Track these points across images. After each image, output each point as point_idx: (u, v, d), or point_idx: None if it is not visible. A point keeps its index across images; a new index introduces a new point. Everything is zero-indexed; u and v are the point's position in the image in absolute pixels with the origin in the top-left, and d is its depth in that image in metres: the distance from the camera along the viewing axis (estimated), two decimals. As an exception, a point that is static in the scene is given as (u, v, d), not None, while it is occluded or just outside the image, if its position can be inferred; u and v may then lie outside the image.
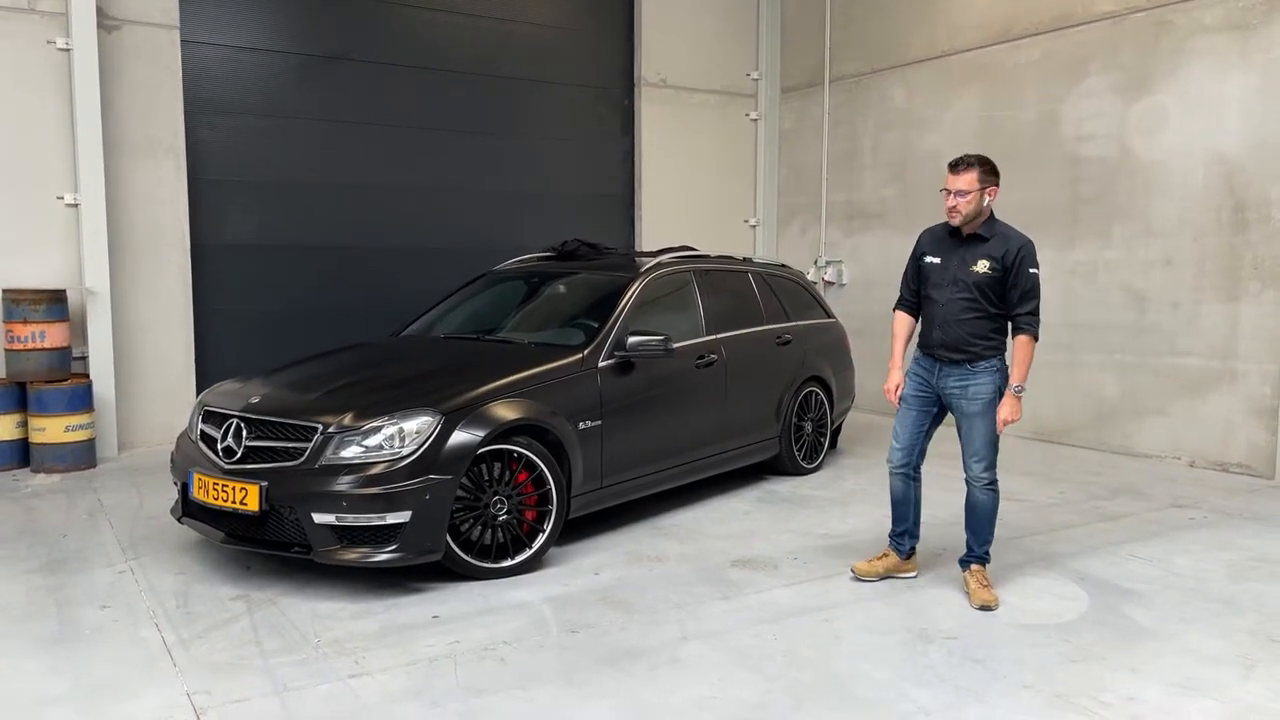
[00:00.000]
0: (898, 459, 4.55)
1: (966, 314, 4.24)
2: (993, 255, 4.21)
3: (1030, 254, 4.23)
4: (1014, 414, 4.22)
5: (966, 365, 4.27)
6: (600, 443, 5.13)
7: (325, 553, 4.32)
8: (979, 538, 4.45)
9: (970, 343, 4.26)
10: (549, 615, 4.18)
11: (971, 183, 4.20)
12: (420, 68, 8.97)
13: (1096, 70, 7.74)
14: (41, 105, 7.35)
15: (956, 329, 4.26)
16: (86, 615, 4.19)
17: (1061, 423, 8.10)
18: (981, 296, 4.22)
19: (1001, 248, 4.21)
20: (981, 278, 4.21)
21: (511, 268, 6.66)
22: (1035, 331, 4.21)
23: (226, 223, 8.28)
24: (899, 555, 4.65)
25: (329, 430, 4.41)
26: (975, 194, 4.20)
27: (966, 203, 4.20)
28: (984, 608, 4.23)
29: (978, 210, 4.24)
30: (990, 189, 4.23)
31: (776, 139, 10.92)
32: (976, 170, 4.21)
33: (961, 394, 4.30)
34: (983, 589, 4.32)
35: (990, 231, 4.27)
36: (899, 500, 4.62)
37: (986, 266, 4.20)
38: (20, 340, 7.03)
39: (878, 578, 4.59)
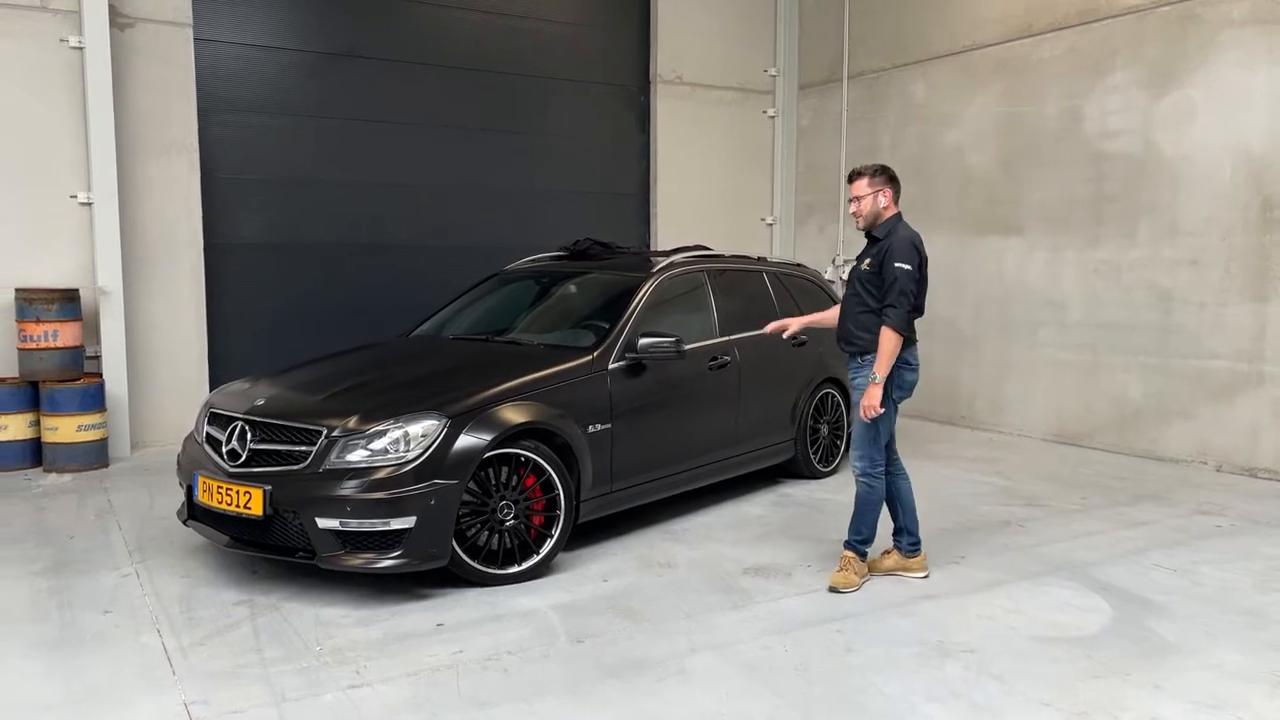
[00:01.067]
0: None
1: (854, 308, 4.58)
2: (873, 253, 4.51)
3: (900, 249, 4.40)
4: (868, 399, 4.39)
5: (859, 358, 4.57)
6: (610, 446, 5.04)
7: (329, 558, 4.25)
8: (851, 526, 4.62)
9: (856, 335, 4.56)
10: (555, 624, 4.10)
11: (863, 188, 4.52)
12: (434, 65, 8.91)
13: (1122, 65, 7.57)
14: (54, 104, 7.34)
15: (847, 322, 4.63)
16: (88, 620, 4.15)
17: (1083, 425, 7.94)
18: (863, 290, 4.53)
19: (882, 245, 4.47)
20: (863, 274, 4.54)
21: (523, 267, 6.58)
22: (894, 323, 4.37)
23: (239, 221, 8.25)
24: (899, 552, 4.77)
25: (333, 434, 4.34)
26: (869, 197, 4.50)
27: (862, 205, 4.52)
28: (832, 589, 4.47)
29: (874, 211, 4.51)
30: (883, 190, 4.51)
31: (794, 136, 10.78)
32: (867, 177, 4.53)
33: (853, 385, 4.62)
34: (839, 572, 4.53)
35: (884, 232, 4.52)
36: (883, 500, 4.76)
37: (868, 263, 4.52)
38: (33, 340, 7.02)
39: (883, 574, 4.72)
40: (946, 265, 9.03)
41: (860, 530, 4.60)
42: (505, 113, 9.32)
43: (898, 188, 4.57)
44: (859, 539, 4.60)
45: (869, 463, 4.54)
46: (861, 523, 4.59)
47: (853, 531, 4.62)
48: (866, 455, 4.53)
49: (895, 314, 4.38)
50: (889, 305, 4.40)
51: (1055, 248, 8.09)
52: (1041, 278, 8.23)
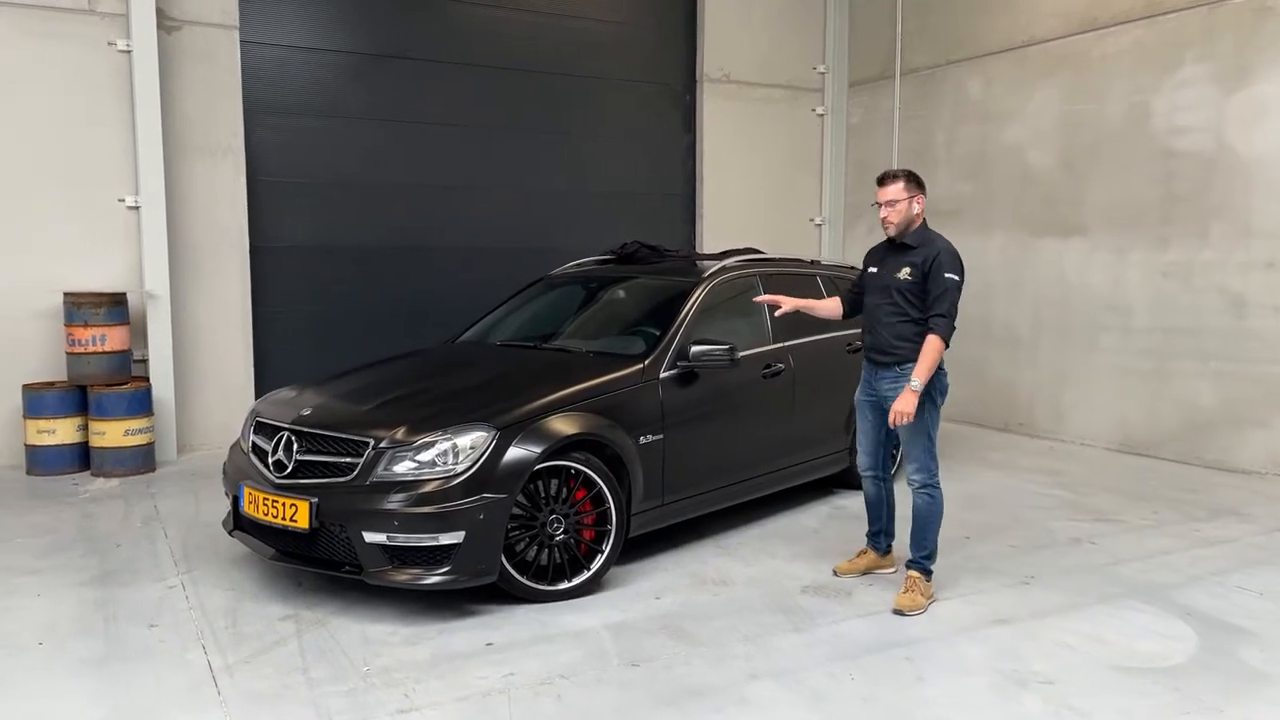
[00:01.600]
0: (864, 464, 4.73)
1: (890, 317, 4.43)
2: (914, 261, 4.37)
3: (948, 260, 4.32)
4: (903, 405, 4.28)
5: (895, 368, 4.41)
6: (662, 458, 4.88)
7: (376, 573, 4.14)
8: (915, 543, 4.49)
9: (894, 345, 4.42)
10: (608, 645, 3.95)
11: (899, 192, 4.38)
12: (478, 65, 8.80)
13: (1192, 59, 7.26)
14: (102, 107, 7.33)
15: (882, 332, 4.46)
16: (134, 634, 4.07)
17: (1150, 434, 7.63)
18: (903, 300, 4.38)
19: (922, 254, 4.35)
20: (902, 283, 4.38)
21: (569, 272, 6.44)
22: (942, 332, 4.28)
23: (285, 224, 8.21)
24: (877, 552, 4.83)
25: (381, 445, 4.23)
26: (904, 202, 4.37)
27: (896, 212, 4.38)
28: (897, 611, 4.30)
29: (908, 218, 4.40)
30: (917, 197, 4.41)
31: (843, 134, 10.55)
32: (902, 181, 4.40)
33: (893, 394, 4.41)
34: (906, 594, 4.36)
35: (918, 240, 4.42)
36: (872, 502, 4.78)
37: (907, 272, 4.38)
38: (81, 344, 7.01)
39: (859, 574, 4.75)
40: (1003, 267, 8.77)
41: (924, 546, 4.47)
42: (550, 113, 9.19)
43: (925, 194, 4.49)
44: (923, 555, 4.47)
45: (927, 473, 4.43)
46: (925, 538, 4.46)
47: (916, 549, 4.48)
48: (924, 466, 4.43)
49: (946, 324, 4.30)
50: (939, 315, 4.30)
51: (1120, 249, 7.79)
52: (1105, 280, 7.93)
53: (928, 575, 4.46)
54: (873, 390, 4.59)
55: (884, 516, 4.77)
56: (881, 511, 4.76)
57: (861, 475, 4.78)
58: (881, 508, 4.76)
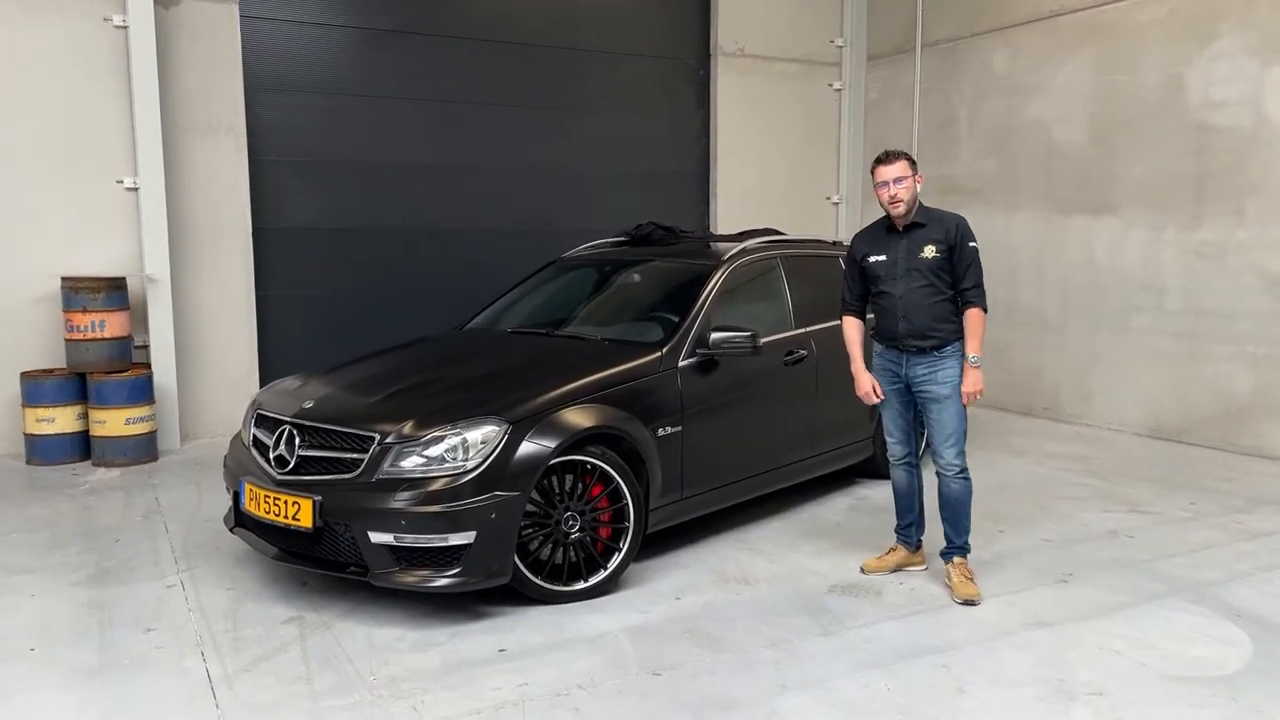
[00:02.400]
0: (898, 451, 4.55)
1: (928, 300, 4.27)
2: (935, 238, 4.25)
3: (967, 229, 4.28)
4: (976, 385, 4.24)
5: (933, 352, 4.28)
6: (681, 450, 4.66)
7: (382, 575, 3.94)
8: (956, 528, 4.38)
9: (935, 327, 4.27)
10: (627, 651, 3.74)
11: (905, 169, 4.24)
12: (485, 40, 8.52)
13: (1229, 30, 6.94)
14: (99, 85, 7.10)
15: (920, 315, 4.27)
16: (129, 640, 3.88)
17: (1181, 420, 7.37)
18: (937, 280, 4.26)
19: (941, 229, 4.26)
20: (932, 261, 4.25)
21: (582, 254, 6.20)
22: (983, 303, 4.24)
23: (288, 205, 7.98)
24: (908, 548, 4.61)
25: (387, 440, 4.01)
26: (909, 179, 4.24)
27: (906, 189, 4.23)
28: (967, 602, 4.18)
29: (914, 196, 4.27)
30: (918, 176, 4.31)
31: (861, 110, 10.24)
32: (905, 159, 4.27)
33: (930, 379, 4.29)
34: (965, 583, 4.25)
35: (926, 217, 4.31)
36: (903, 493, 4.59)
37: (934, 250, 4.25)
38: (80, 330, 6.81)
39: (888, 572, 4.55)
40: (1029, 247, 8.49)
41: (966, 530, 4.38)
42: (559, 90, 8.92)
43: None
44: (965, 540, 4.39)
45: (963, 456, 4.34)
46: (966, 521, 4.37)
47: (959, 533, 4.38)
48: (962, 450, 4.33)
49: (982, 293, 4.25)
50: (975, 286, 4.24)
51: (1153, 228, 7.50)
52: (1136, 261, 7.65)
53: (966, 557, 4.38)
54: (898, 378, 4.40)
55: (916, 507, 4.57)
56: (913, 502, 4.56)
57: (893, 464, 4.58)
58: (913, 499, 4.56)
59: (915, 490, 4.56)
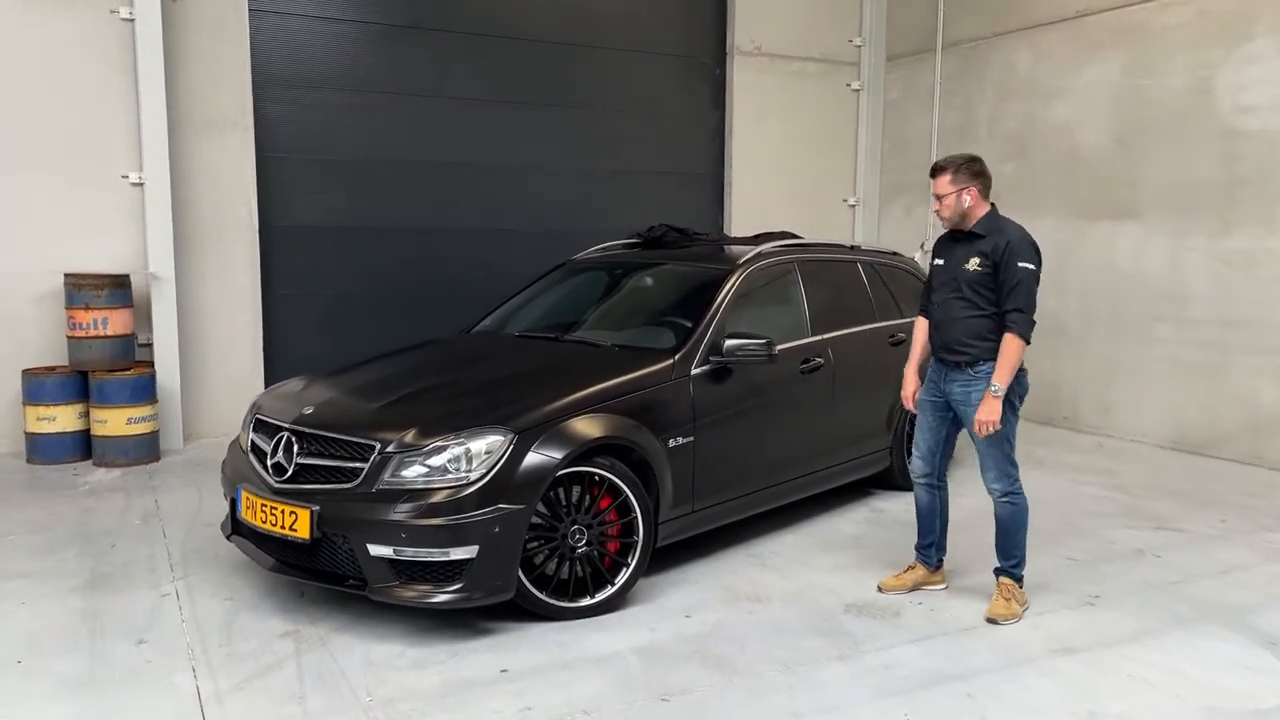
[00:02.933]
0: (918, 468, 4.40)
1: (960, 313, 4.10)
2: (983, 251, 4.05)
3: (1021, 248, 3.97)
4: (988, 414, 3.97)
5: (968, 369, 4.09)
6: (692, 461, 4.51)
7: (381, 589, 3.80)
8: (1003, 552, 4.21)
9: (966, 343, 4.09)
10: (635, 673, 3.59)
11: (945, 186, 4.08)
12: (498, 37, 8.37)
13: (1262, 32, 6.74)
14: (104, 79, 6.98)
15: (951, 329, 4.13)
16: (120, 652, 3.75)
17: (1209, 433, 7.18)
18: (973, 294, 4.06)
19: (991, 244, 4.03)
20: (971, 275, 4.06)
21: (593, 257, 6.04)
22: (1022, 330, 3.94)
23: (295, 203, 7.85)
24: (927, 568, 4.45)
25: (388, 449, 3.87)
26: (952, 196, 4.07)
27: (945, 206, 4.11)
28: (990, 620, 4.06)
29: (959, 211, 4.09)
30: (967, 189, 4.06)
31: (880, 111, 10.06)
32: (949, 173, 4.08)
33: (964, 400, 4.12)
34: (1000, 601, 4.13)
35: (987, 228, 4.07)
36: (924, 512, 4.44)
37: (976, 263, 4.05)
38: (82, 327, 6.70)
39: (905, 591, 4.38)
40: (1049, 252, 8.03)
41: (1012, 555, 4.20)
42: (573, 88, 8.77)
43: (986, 182, 4.12)
44: (1012, 564, 4.20)
45: (1008, 480, 4.14)
46: (1013, 546, 4.18)
47: (1004, 558, 4.21)
48: (1005, 473, 4.13)
49: (1024, 320, 3.95)
50: (1017, 310, 3.95)
51: (1178, 234, 7.31)
52: (1160, 268, 7.46)
53: (1019, 582, 4.19)
54: (939, 391, 4.26)
55: (936, 528, 4.41)
56: (934, 522, 4.40)
57: (915, 481, 4.42)
58: (934, 518, 4.40)
59: (935, 510, 4.40)
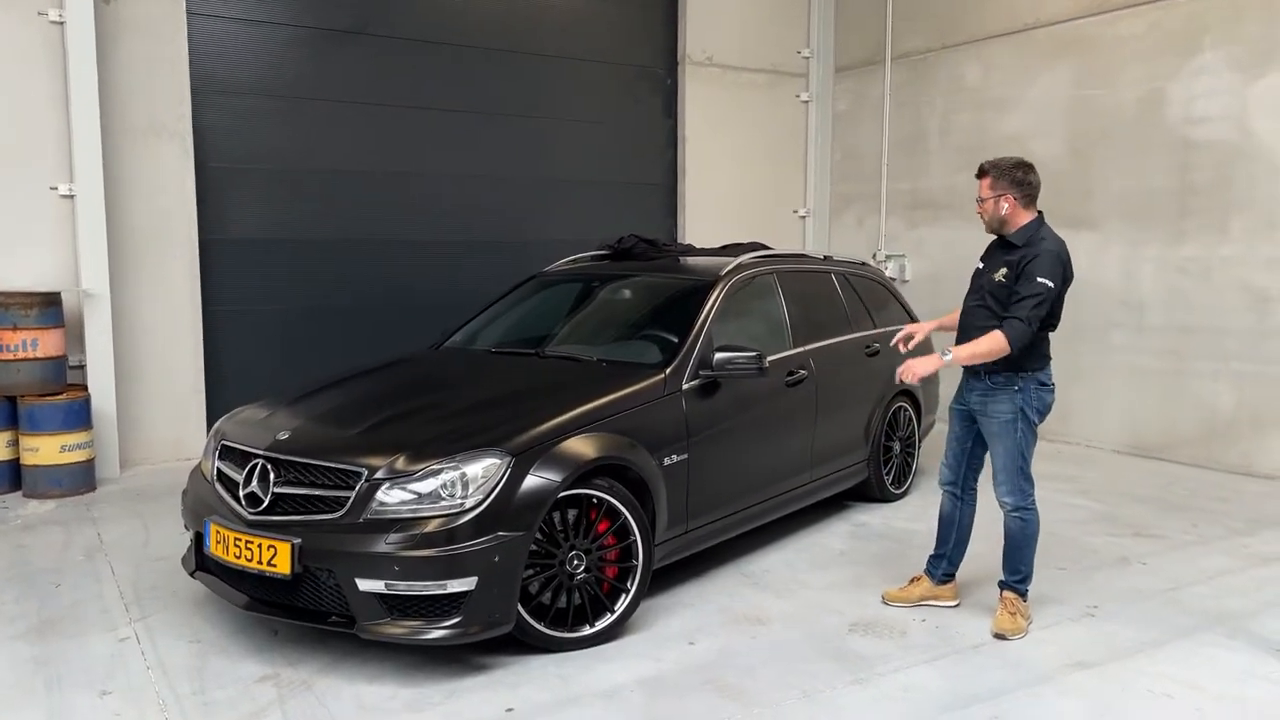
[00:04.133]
0: (944, 475, 4.38)
1: (980, 321, 4.05)
2: (1011, 261, 3.99)
3: (1043, 264, 3.90)
4: (920, 366, 3.93)
5: (986, 378, 4.05)
6: (687, 479, 4.35)
7: (371, 626, 3.55)
8: (1010, 565, 4.15)
9: None
10: (647, 706, 3.41)
11: (985, 190, 4.05)
12: (445, 44, 8.12)
13: (1212, 44, 6.90)
14: (32, 84, 6.54)
15: (971, 336, 4.05)
16: (81, 705, 3.43)
17: (1165, 437, 7.30)
18: (994, 303, 4.01)
19: (1021, 254, 3.97)
20: (995, 285, 4.02)
21: (565, 269, 5.85)
22: (1010, 332, 3.85)
23: (237, 215, 7.47)
24: (932, 580, 4.37)
25: (376, 475, 3.62)
26: (990, 201, 4.03)
27: (984, 209, 4.07)
28: (998, 635, 4.00)
29: (997, 216, 4.03)
30: (1005, 195, 3.99)
31: (829, 122, 10.07)
32: (989, 177, 4.04)
33: (982, 411, 4.10)
34: (1005, 616, 4.06)
35: (1023, 239, 4.01)
36: (945, 520, 4.38)
37: (1003, 274, 4.00)
38: (9, 349, 6.24)
39: (911, 605, 4.32)
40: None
41: (1018, 570, 4.13)
42: (522, 96, 8.55)
43: (1028, 191, 4.01)
44: (1017, 579, 4.13)
45: (1020, 495, 4.06)
46: (1020, 560, 4.11)
47: (1009, 572, 4.14)
48: (1018, 487, 4.05)
49: (1018, 327, 3.86)
50: (1015, 317, 3.87)
51: (1133, 243, 7.43)
52: (1116, 276, 7.57)
53: (1024, 596, 4.13)
54: (963, 400, 4.22)
55: (952, 540, 4.33)
56: (951, 533, 4.33)
57: (941, 488, 4.40)
58: (952, 529, 4.33)
59: (955, 521, 4.32)
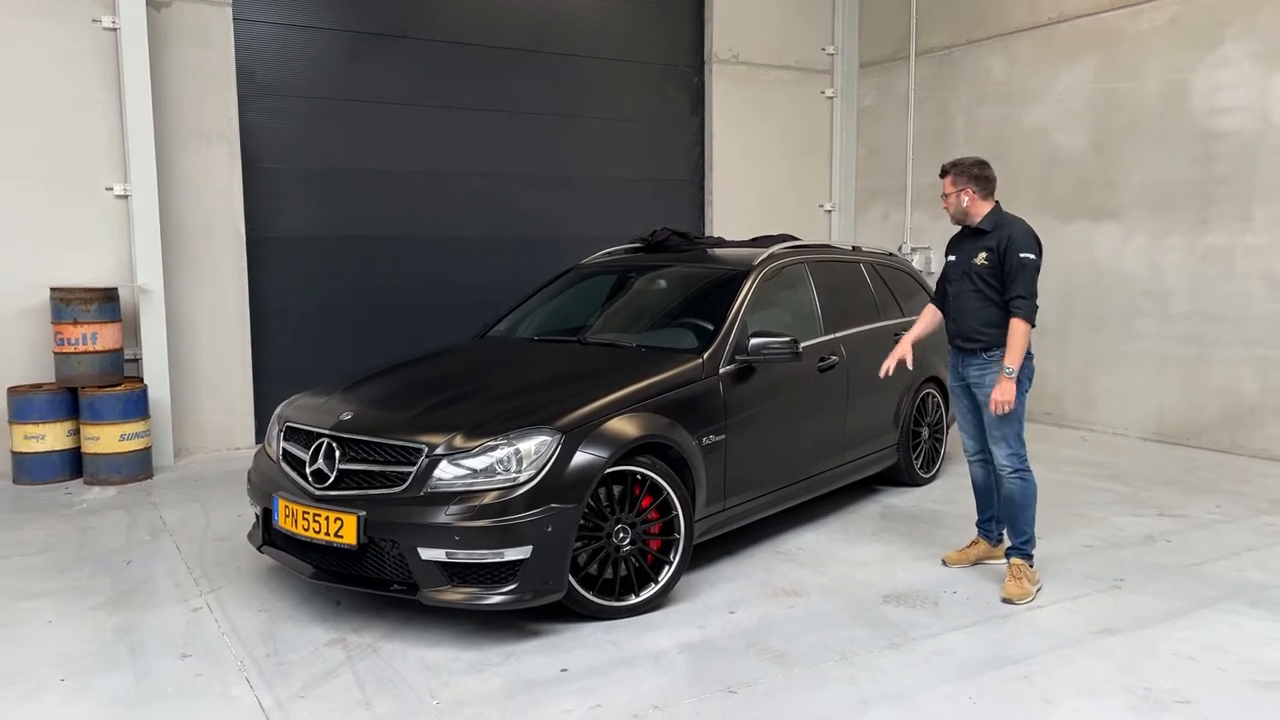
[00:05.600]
0: (968, 447, 4.68)
1: (972, 303, 4.40)
2: (989, 246, 4.35)
3: (1021, 240, 4.27)
4: (1003, 394, 4.22)
5: (982, 354, 4.39)
6: (724, 459, 4.55)
7: (432, 593, 3.77)
8: (1012, 528, 4.43)
9: (979, 330, 4.38)
10: (695, 668, 3.61)
11: (948, 186, 4.44)
12: (479, 45, 8.35)
13: (1233, 37, 7.02)
14: (88, 89, 6.84)
15: (965, 318, 4.43)
16: (165, 666, 3.67)
17: (1189, 423, 7.42)
18: (984, 285, 4.35)
19: (996, 238, 4.33)
20: (980, 268, 4.36)
21: (602, 261, 6.06)
22: (1025, 314, 4.22)
23: (283, 213, 7.74)
24: (989, 541, 4.70)
25: (436, 452, 3.85)
26: (952, 195, 4.42)
27: (948, 203, 4.46)
28: (1006, 600, 4.22)
29: (960, 210, 4.41)
30: (965, 190, 4.38)
31: (854, 118, 10.24)
32: (950, 175, 4.43)
33: (980, 382, 4.42)
34: (1014, 581, 4.29)
35: (993, 224, 4.39)
36: (980, 487, 4.70)
37: (984, 257, 4.35)
38: (70, 343, 6.53)
39: (970, 564, 4.67)
40: (1029, 253, 8.49)
41: (1022, 532, 4.40)
42: (554, 96, 8.78)
43: (986, 184, 4.42)
44: (1023, 541, 4.41)
45: (1018, 458, 4.39)
46: (1023, 521, 4.40)
47: (1014, 535, 4.43)
48: (1015, 451, 4.38)
49: (1026, 305, 4.24)
50: (1019, 296, 4.25)
51: (1156, 233, 7.56)
52: (1140, 265, 7.70)
53: (1029, 560, 4.36)
54: (960, 376, 4.58)
55: (995, 502, 4.63)
56: (991, 497, 4.65)
57: (968, 460, 4.71)
58: (991, 493, 4.65)
59: (991, 486, 4.64)
